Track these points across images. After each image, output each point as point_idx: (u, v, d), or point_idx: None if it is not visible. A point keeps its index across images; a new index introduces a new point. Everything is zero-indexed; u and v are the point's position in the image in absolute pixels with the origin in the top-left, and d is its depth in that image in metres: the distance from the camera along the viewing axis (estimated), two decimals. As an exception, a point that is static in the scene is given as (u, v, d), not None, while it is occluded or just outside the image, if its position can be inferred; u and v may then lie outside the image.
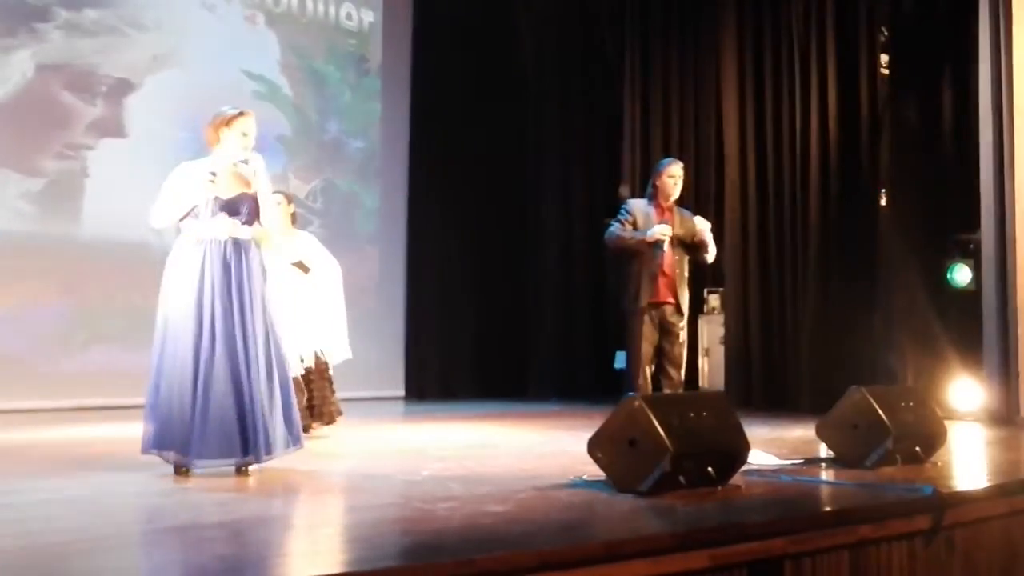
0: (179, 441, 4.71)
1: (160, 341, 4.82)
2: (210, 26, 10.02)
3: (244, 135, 5.01)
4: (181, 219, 4.94)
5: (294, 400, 5.02)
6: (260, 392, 4.79)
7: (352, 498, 4.46)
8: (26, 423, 7.47)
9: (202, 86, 9.53)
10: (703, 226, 6.97)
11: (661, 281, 6.85)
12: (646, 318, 6.85)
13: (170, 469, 4.78)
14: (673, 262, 6.90)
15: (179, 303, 4.80)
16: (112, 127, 9.36)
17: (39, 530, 3.48)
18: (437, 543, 3.25)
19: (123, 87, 9.45)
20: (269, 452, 4.80)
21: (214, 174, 4.86)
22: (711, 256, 7.12)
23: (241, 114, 5.03)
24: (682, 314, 6.96)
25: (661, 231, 6.79)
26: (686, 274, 7.02)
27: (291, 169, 10.58)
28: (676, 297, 6.90)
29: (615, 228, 6.98)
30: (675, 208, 7.08)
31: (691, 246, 7.02)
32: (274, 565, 3.10)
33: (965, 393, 8.03)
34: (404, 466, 5.27)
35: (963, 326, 8.27)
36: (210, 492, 4.36)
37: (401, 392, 11.03)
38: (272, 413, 4.82)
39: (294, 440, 4.94)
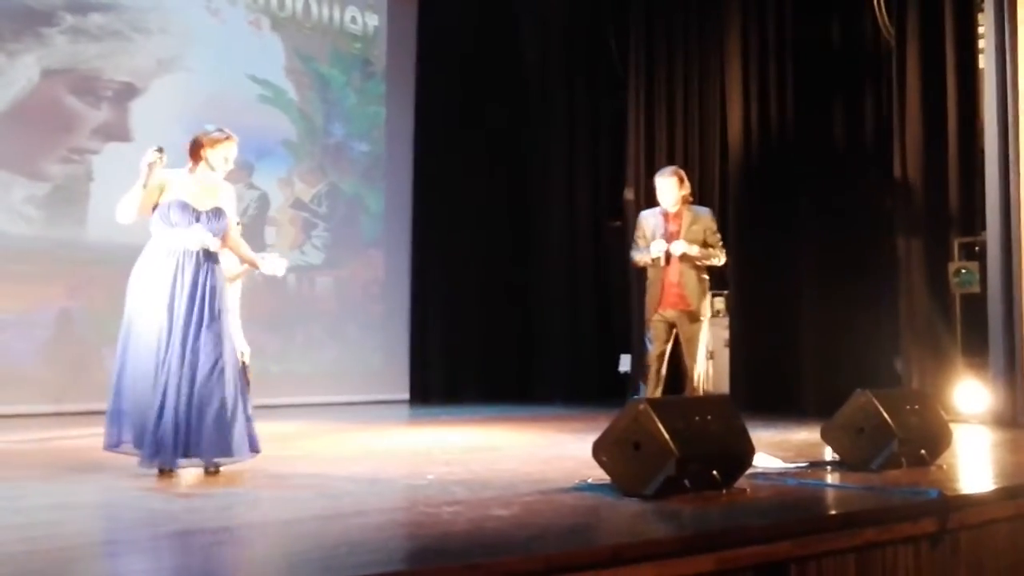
0: (143, 441, 4.83)
1: (124, 345, 4.95)
2: (215, 31, 10.04)
3: (225, 160, 5.17)
4: (152, 209, 5.01)
5: (250, 407, 5.13)
6: (220, 397, 4.92)
7: (357, 502, 4.46)
8: (32, 427, 7.48)
9: (207, 91, 9.59)
10: (679, 249, 7.06)
11: (667, 290, 7.11)
12: (656, 324, 7.15)
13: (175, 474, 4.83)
14: (680, 269, 7.05)
15: (148, 308, 4.92)
16: (117, 131, 9.37)
17: (46, 535, 3.49)
18: (442, 547, 3.26)
19: (128, 92, 9.46)
20: (229, 454, 4.94)
21: (160, 150, 4.98)
22: (712, 262, 7.19)
23: (228, 138, 5.16)
24: (696, 319, 7.04)
25: (656, 251, 7.06)
26: (700, 277, 7.12)
27: (296, 173, 10.60)
28: (686, 303, 7.01)
29: (632, 251, 7.38)
30: (687, 209, 7.19)
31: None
32: (279, 570, 3.10)
33: (970, 396, 8.01)
34: (409, 470, 5.28)
35: (968, 328, 8.27)
36: (215, 497, 4.37)
37: (406, 396, 11.03)
38: (235, 416, 4.96)
39: (252, 446, 5.06)
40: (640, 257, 7.24)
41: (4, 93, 8.78)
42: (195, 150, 5.15)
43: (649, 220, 7.27)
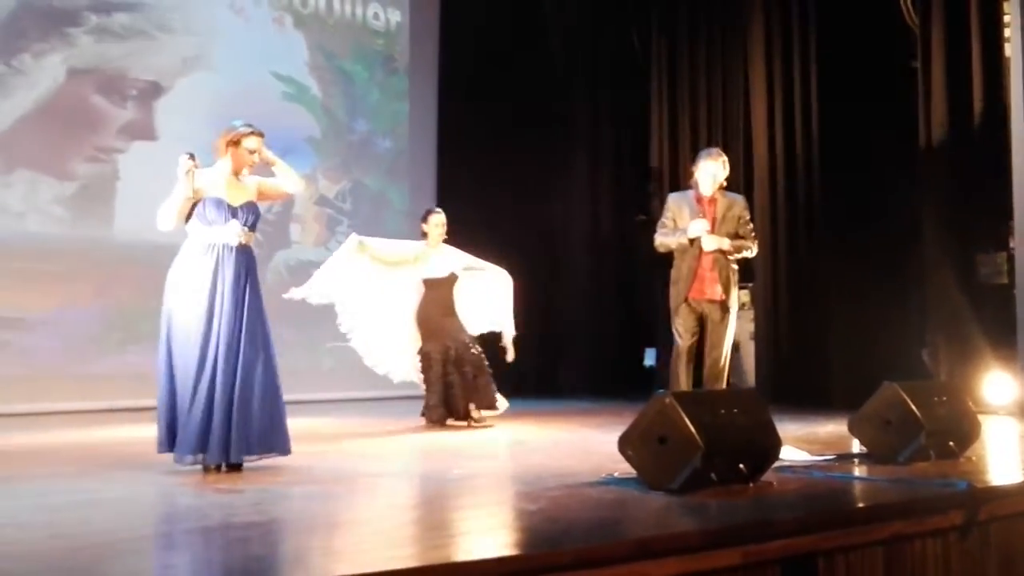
0: (194, 440, 4.85)
1: (166, 344, 4.99)
2: (238, 29, 10.08)
3: (251, 152, 5.23)
4: (186, 218, 5.10)
5: (282, 404, 5.14)
6: (265, 393, 4.98)
7: (384, 497, 4.47)
8: (61, 424, 7.54)
9: (231, 89, 9.62)
10: (711, 245, 6.88)
11: (700, 278, 6.89)
12: (684, 314, 6.93)
13: (200, 469, 4.86)
14: (714, 257, 6.88)
15: (190, 306, 4.98)
16: (143, 130, 9.43)
17: (74, 531, 3.51)
18: (470, 542, 3.26)
19: (153, 90, 9.52)
20: (266, 451, 5.01)
21: (192, 156, 5.04)
22: (744, 255, 7.06)
23: (252, 133, 5.23)
24: (726, 310, 6.91)
25: (697, 230, 6.81)
26: (731, 268, 6.96)
27: (320, 170, 10.63)
28: (718, 293, 6.88)
29: (658, 233, 7.08)
30: (721, 196, 7.02)
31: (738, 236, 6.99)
32: (306, 565, 3.11)
33: (999, 387, 7.95)
34: (436, 465, 5.29)
35: (996, 319, 8.20)
36: (242, 493, 4.39)
37: (432, 391, 11.02)
38: (263, 413, 4.99)
39: (287, 445, 5.09)
40: (671, 240, 6.95)
41: (30, 93, 8.85)
42: (223, 146, 5.22)
43: (681, 204, 7.01)
